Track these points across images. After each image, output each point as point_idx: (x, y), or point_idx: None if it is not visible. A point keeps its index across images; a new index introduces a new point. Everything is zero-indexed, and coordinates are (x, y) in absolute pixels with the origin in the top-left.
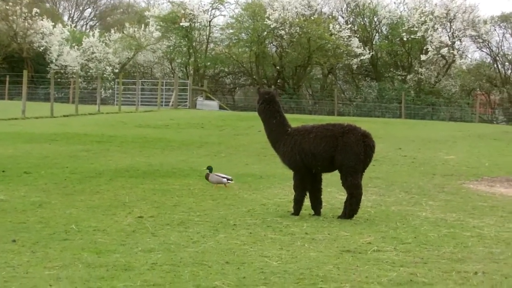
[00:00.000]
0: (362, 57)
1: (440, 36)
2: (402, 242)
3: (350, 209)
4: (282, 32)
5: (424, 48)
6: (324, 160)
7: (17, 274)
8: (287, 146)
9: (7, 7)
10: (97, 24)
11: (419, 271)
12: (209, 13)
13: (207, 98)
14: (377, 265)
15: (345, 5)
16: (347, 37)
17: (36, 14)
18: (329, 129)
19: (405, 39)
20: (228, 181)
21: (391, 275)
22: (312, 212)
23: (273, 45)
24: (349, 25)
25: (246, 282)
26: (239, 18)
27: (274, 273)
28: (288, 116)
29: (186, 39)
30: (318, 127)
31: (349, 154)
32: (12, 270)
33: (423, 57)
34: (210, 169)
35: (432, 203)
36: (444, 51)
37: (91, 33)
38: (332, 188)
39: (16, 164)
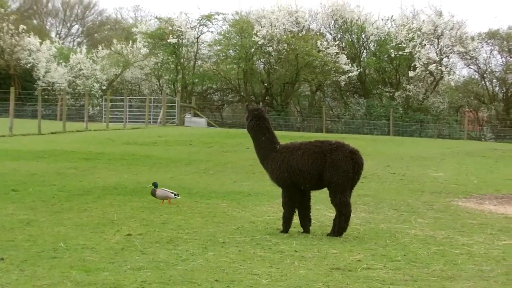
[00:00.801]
0: (350, 74)
1: (428, 53)
2: (391, 260)
3: (339, 226)
4: (270, 48)
5: (412, 64)
6: (312, 177)
7: None
8: (276, 163)
9: None
10: (85, 40)
11: None
12: (196, 29)
13: (195, 115)
14: (367, 283)
15: (332, 22)
16: (335, 53)
17: (23, 31)
18: (317, 146)
19: (393, 55)
20: (175, 196)
21: None
22: (301, 229)
23: (261, 61)
24: (337, 42)
25: None
26: (227, 35)
27: None
28: (276, 133)
29: (174, 55)
30: (307, 144)
31: (338, 171)
32: None
33: (411, 74)
34: (155, 184)
35: (421, 221)
36: (432, 67)
37: (78, 50)
38: (321, 205)
39: (3, 181)
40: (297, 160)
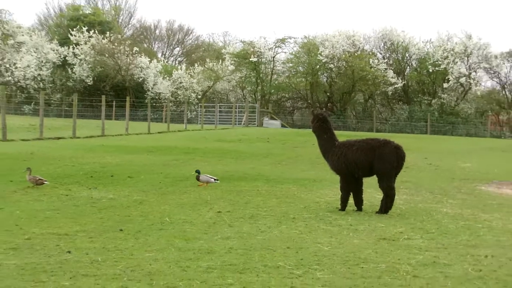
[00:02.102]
0: (396, 85)
1: (459, 68)
2: (427, 232)
3: (386, 206)
4: (332, 65)
5: (446, 78)
6: (364, 167)
7: (124, 255)
8: (335, 156)
9: (113, 46)
10: (184, 59)
11: (441, 255)
12: (273, 50)
13: (272, 118)
14: (407, 250)
15: (382, 44)
16: (384, 69)
17: (136, 52)
18: (368, 142)
19: (430, 70)
20: (215, 180)
21: (418, 258)
22: (355, 208)
23: (324, 76)
24: (386, 60)
25: (303, 262)
26: (297, 55)
27: (325, 256)
28: (336, 132)
29: (255, 71)
30: (360, 141)
31: (385, 163)
32: (120, 253)
33: (445, 85)
34: (198, 171)
35: (452, 201)
36: (462, 80)
37: (179, 67)
38: (371, 189)
39: (121, 170)
40: (353, 154)
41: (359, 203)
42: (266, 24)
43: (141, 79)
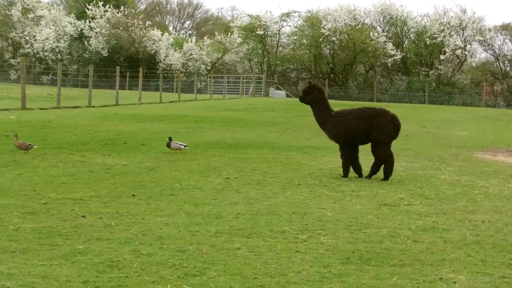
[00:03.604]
0: (395, 57)
1: (455, 41)
2: (426, 198)
3: (386, 172)
4: (334, 38)
5: (443, 50)
6: (361, 135)
7: (136, 220)
8: (333, 125)
9: (127, 20)
10: (194, 32)
11: (440, 220)
12: (278, 24)
13: (277, 88)
14: (407, 215)
15: (382, 18)
16: (384, 42)
17: (149, 25)
18: (365, 111)
19: (428, 43)
20: (185, 147)
21: (418, 223)
22: (357, 175)
23: (327, 48)
24: (385, 33)
25: (308, 227)
26: (301, 28)
27: (329, 221)
28: (337, 102)
29: (261, 44)
30: (356, 110)
31: (383, 131)
32: (132, 217)
33: (442, 57)
34: (170, 138)
35: (449, 168)
36: (458, 52)
37: (189, 40)
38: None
39: (134, 138)
40: (350, 122)
41: (358, 169)
42: None
43: (153, 51)
